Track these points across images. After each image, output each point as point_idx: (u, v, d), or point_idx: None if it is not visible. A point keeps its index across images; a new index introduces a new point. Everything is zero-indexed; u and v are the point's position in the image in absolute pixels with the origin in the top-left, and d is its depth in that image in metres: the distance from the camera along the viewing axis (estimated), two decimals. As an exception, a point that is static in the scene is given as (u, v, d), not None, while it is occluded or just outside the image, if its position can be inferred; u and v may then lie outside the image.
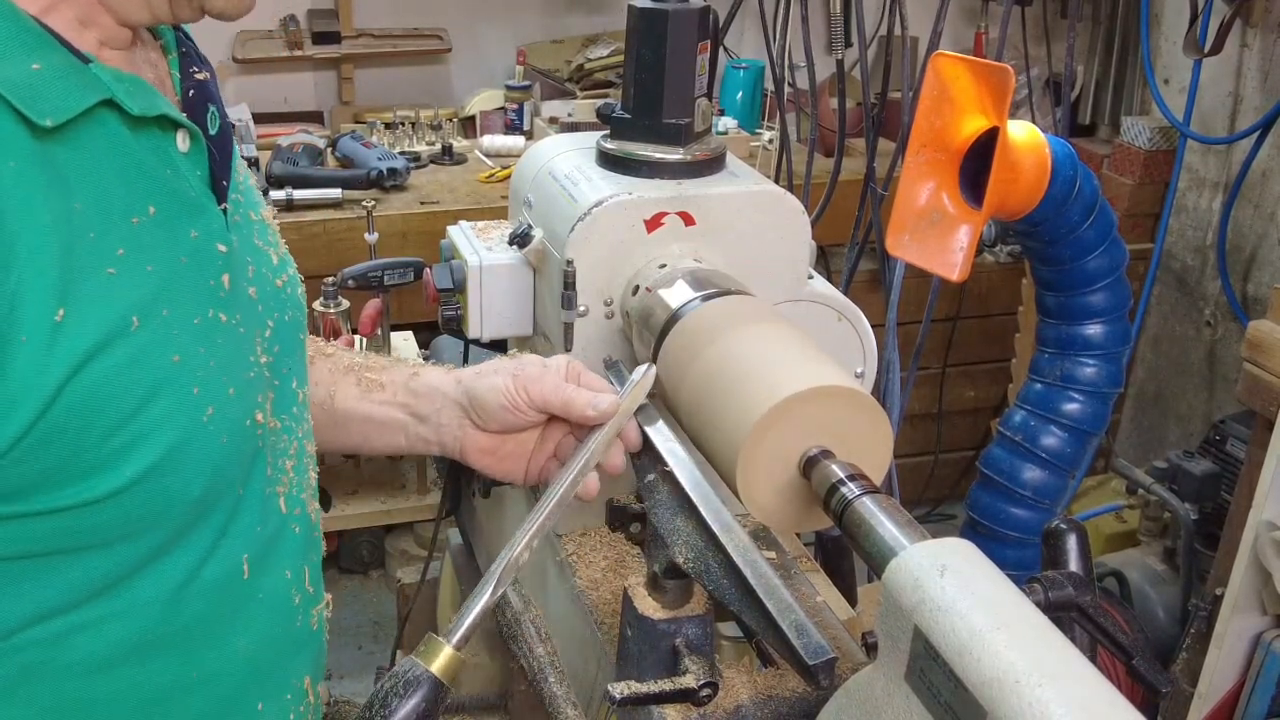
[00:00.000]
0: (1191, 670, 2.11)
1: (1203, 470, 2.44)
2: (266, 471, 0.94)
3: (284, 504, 0.97)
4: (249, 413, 0.89)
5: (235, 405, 0.87)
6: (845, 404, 0.94)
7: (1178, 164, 3.12)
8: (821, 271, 1.72)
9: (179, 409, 0.81)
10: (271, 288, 0.96)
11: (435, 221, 2.68)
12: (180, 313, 0.81)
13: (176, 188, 0.83)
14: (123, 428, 0.77)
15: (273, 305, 0.95)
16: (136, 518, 0.81)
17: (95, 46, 0.81)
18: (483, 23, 3.66)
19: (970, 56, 1.64)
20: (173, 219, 0.82)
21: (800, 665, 0.81)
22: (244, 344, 0.89)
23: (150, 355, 0.79)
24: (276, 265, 0.98)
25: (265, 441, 0.93)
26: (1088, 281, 1.90)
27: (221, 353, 0.85)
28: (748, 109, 3.28)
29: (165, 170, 0.82)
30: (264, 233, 0.98)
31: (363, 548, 3.21)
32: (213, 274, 0.85)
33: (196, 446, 0.82)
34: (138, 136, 0.80)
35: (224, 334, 0.86)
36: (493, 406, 1.10)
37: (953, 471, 3.52)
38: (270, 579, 0.95)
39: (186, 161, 0.85)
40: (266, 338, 0.93)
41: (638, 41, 1.26)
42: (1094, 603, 0.87)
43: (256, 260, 0.94)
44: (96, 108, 0.77)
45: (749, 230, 1.25)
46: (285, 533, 0.97)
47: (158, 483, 0.80)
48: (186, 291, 0.82)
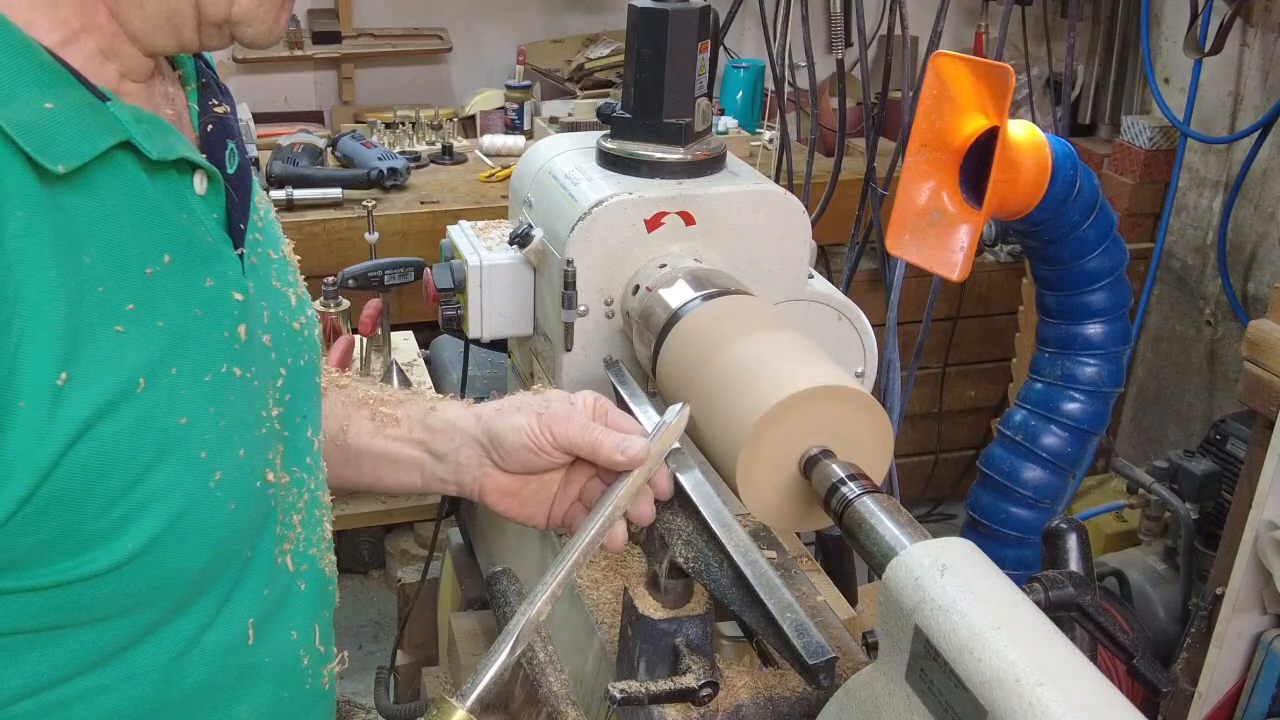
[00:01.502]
0: (1192, 670, 2.11)
1: (1203, 470, 2.44)
2: (276, 530, 0.89)
3: (290, 561, 0.91)
4: (259, 473, 0.83)
5: (245, 467, 0.81)
6: (845, 404, 0.94)
7: (1178, 163, 3.12)
8: (822, 271, 1.72)
9: (184, 475, 0.75)
10: (288, 331, 0.90)
11: (435, 221, 2.68)
12: (190, 370, 0.76)
13: (193, 233, 0.78)
14: (123, 497, 0.72)
15: (288, 350, 0.89)
16: (136, 591, 0.76)
17: (115, 80, 0.76)
18: (483, 22, 3.66)
19: (970, 56, 1.64)
20: (188, 268, 0.77)
21: (800, 665, 0.81)
22: (257, 398, 0.83)
23: (156, 418, 0.73)
24: (295, 306, 0.93)
25: (275, 500, 0.88)
26: (1088, 281, 1.90)
27: (233, 410, 0.79)
28: (748, 109, 3.28)
29: (181, 215, 0.77)
30: (284, 272, 0.92)
31: (363, 547, 3.21)
32: (228, 325, 0.80)
33: (202, 515, 0.77)
34: (154, 180, 0.75)
35: (237, 390, 0.80)
36: (514, 446, 1.02)
37: (953, 471, 3.52)
38: (276, 642, 0.90)
39: (203, 204, 0.79)
40: (279, 387, 0.87)
41: (638, 41, 1.26)
42: (1094, 602, 0.87)
43: (273, 303, 0.88)
44: (112, 150, 0.71)
45: (749, 230, 1.25)
46: (292, 591, 0.92)
47: (160, 555, 0.75)
48: (198, 346, 0.77)
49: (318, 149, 2.90)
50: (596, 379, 1.24)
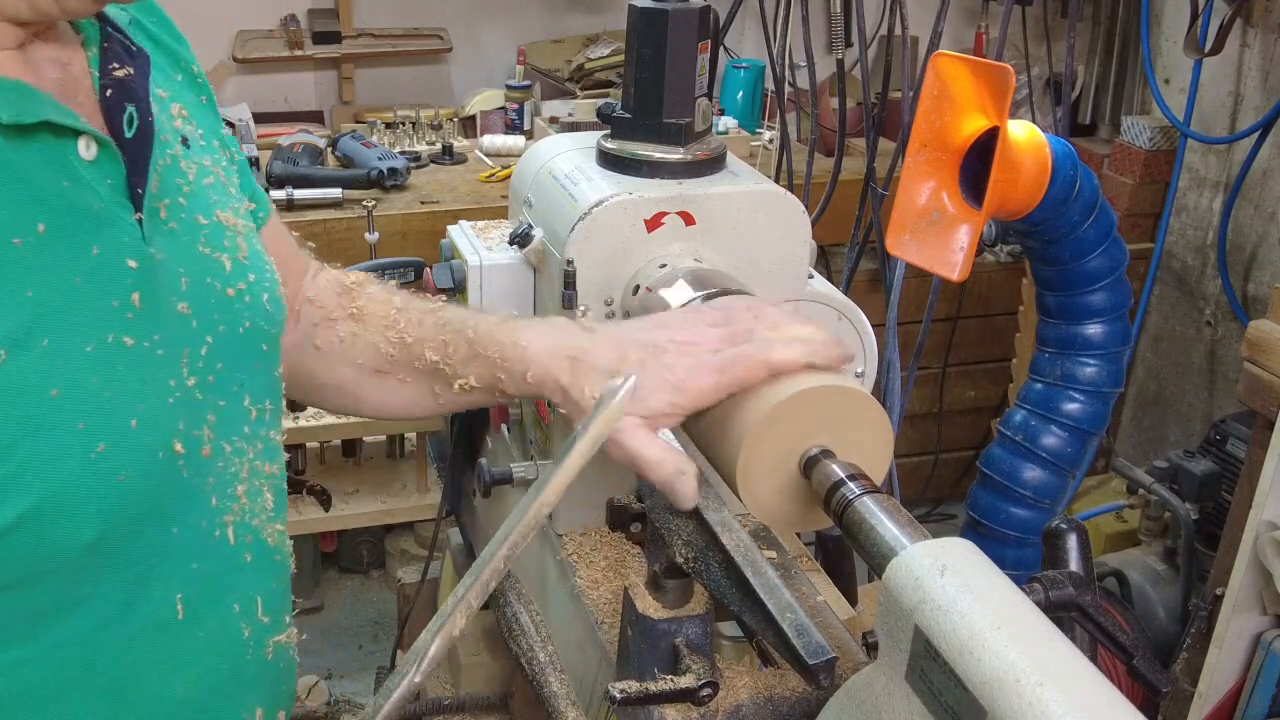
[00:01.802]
0: (1192, 670, 2.11)
1: (1203, 470, 2.44)
2: (210, 502, 0.87)
3: (232, 534, 0.89)
4: (162, 444, 0.80)
5: (139, 437, 0.78)
6: (845, 404, 0.94)
7: (1178, 164, 3.12)
8: (822, 271, 1.72)
9: (57, 447, 0.73)
10: (219, 298, 0.87)
11: (435, 221, 2.68)
12: (66, 340, 0.74)
13: (76, 200, 0.75)
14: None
15: (217, 318, 0.87)
16: (20, 566, 0.74)
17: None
18: (483, 22, 3.66)
19: (970, 56, 1.64)
20: (68, 235, 0.75)
21: (800, 665, 0.81)
22: (160, 367, 0.81)
23: (19, 391, 0.71)
24: (230, 272, 0.89)
25: (195, 471, 0.84)
26: (1088, 281, 1.90)
27: (123, 380, 0.77)
28: (748, 109, 3.28)
29: (62, 181, 0.75)
30: (217, 236, 0.89)
31: (363, 548, 3.21)
32: (118, 293, 0.77)
33: (84, 486, 0.75)
34: (21, 146, 0.73)
35: (129, 358, 0.78)
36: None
37: (953, 471, 3.52)
38: (213, 616, 0.88)
39: (93, 170, 0.77)
40: (203, 355, 0.84)
41: (638, 41, 1.26)
42: (1094, 602, 0.87)
43: (197, 269, 0.86)
44: None
45: (749, 230, 1.25)
46: (236, 565, 0.90)
47: (40, 527, 0.73)
48: (78, 315, 0.75)
49: (318, 149, 2.90)
50: (596, 379, 1.23)
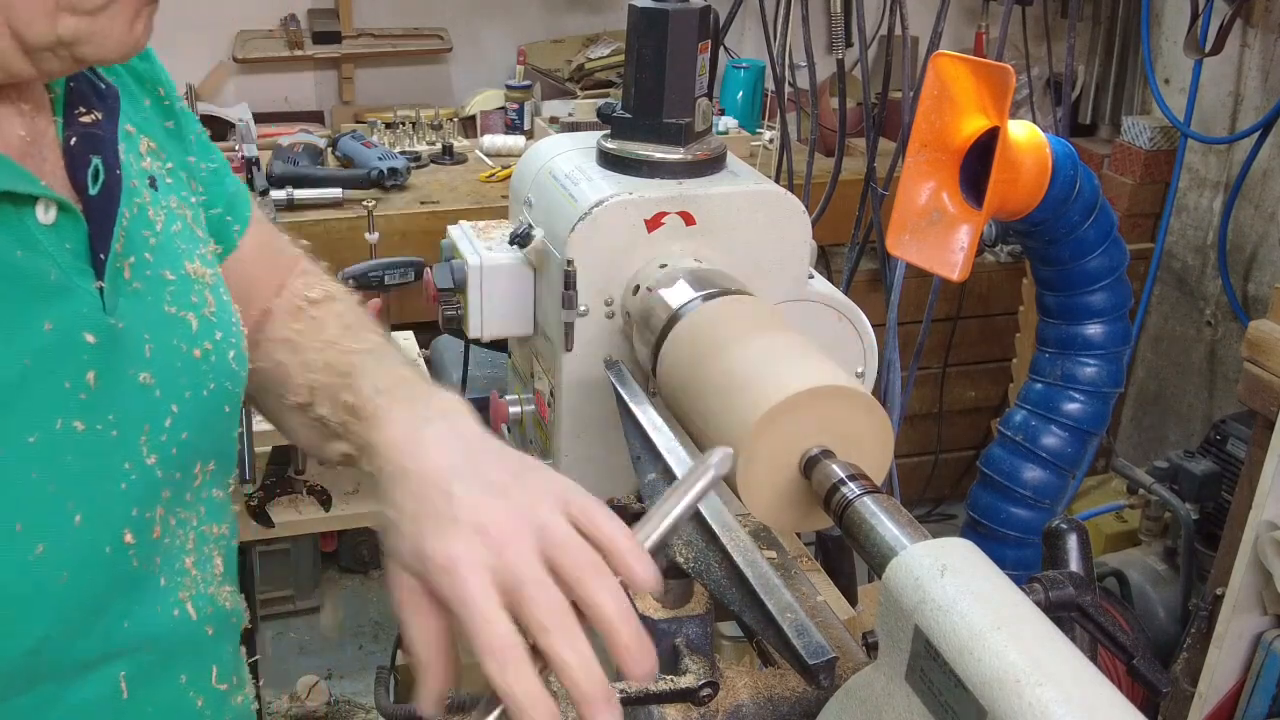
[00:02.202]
0: (1192, 670, 2.11)
1: (1203, 470, 2.44)
2: (159, 584, 0.79)
3: (193, 609, 0.82)
4: (110, 537, 0.73)
5: (84, 534, 0.70)
6: (845, 404, 0.94)
7: (1178, 164, 3.12)
8: (822, 271, 1.72)
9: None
10: (185, 361, 0.80)
11: (436, 221, 2.68)
12: (5, 429, 0.66)
13: (28, 270, 0.68)
14: None
15: (184, 383, 0.79)
16: None
17: None
18: (483, 22, 3.66)
19: (971, 56, 1.64)
20: (15, 311, 0.67)
21: (800, 665, 0.81)
22: (114, 452, 0.73)
23: None
24: (197, 331, 0.81)
25: (144, 557, 0.77)
26: (1088, 281, 1.90)
27: (69, 471, 0.69)
28: (748, 109, 3.28)
29: (15, 251, 0.67)
30: (184, 292, 0.81)
31: (363, 548, 3.21)
32: (70, 373, 0.69)
33: (20, 592, 0.67)
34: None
35: (78, 446, 0.70)
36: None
37: (953, 471, 3.52)
38: (160, 691, 0.81)
39: (51, 235, 0.69)
40: (167, 428, 0.77)
41: (638, 41, 1.26)
42: (1094, 602, 0.87)
43: (163, 333, 0.78)
44: None
45: (749, 230, 1.25)
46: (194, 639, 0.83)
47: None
48: (23, 403, 0.67)
49: (318, 149, 2.90)
50: (596, 379, 1.24)
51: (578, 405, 1.27)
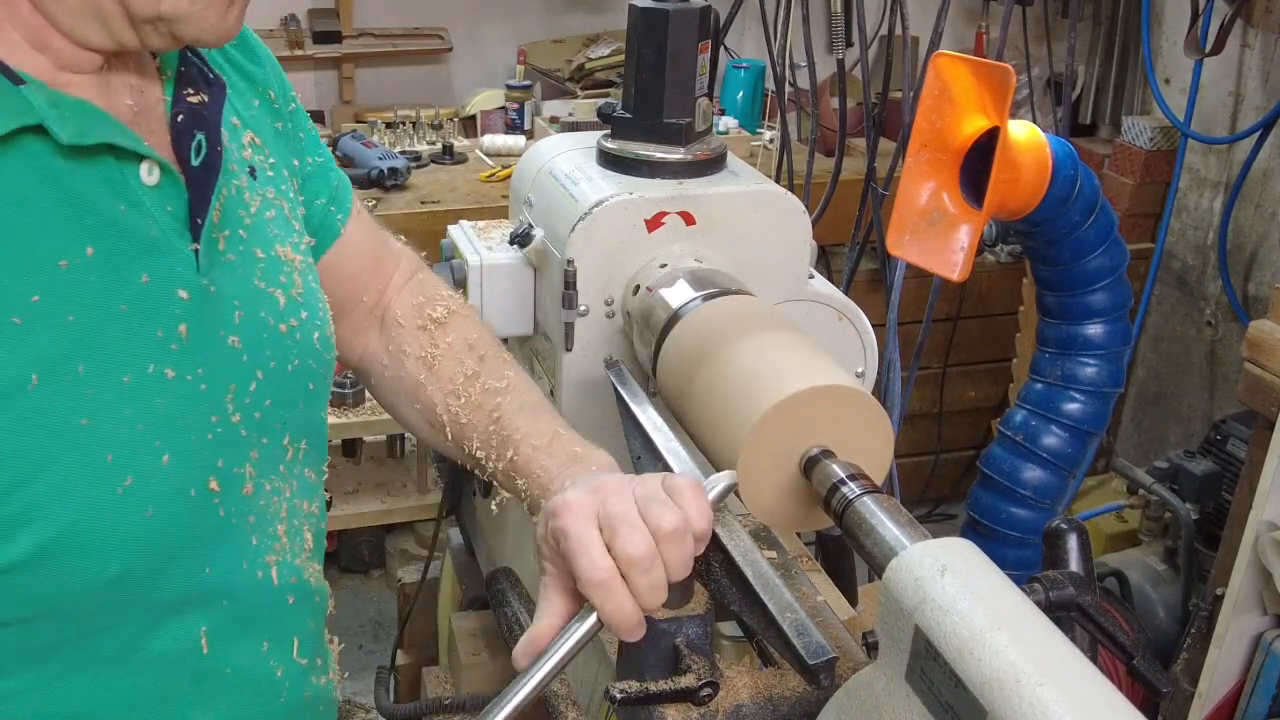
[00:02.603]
0: (1192, 670, 2.11)
1: (1203, 470, 2.44)
2: (250, 541, 0.84)
3: (276, 574, 0.87)
4: (196, 481, 0.78)
5: (170, 473, 0.76)
6: (846, 404, 0.94)
7: (1178, 164, 3.12)
8: (822, 271, 1.72)
9: (81, 479, 0.71)
10: (271, 333, 0.86)
11: (436, 221, 2.68)
12: (102, 368, 0.72)
13: (131, 225, 0.74)
14: (9, 496, 0.69)
15: (269, 353, 0.85)
16: (35, 600, 0.72)
17: (50, 71, 0.73)
18: (483, 22, 3.66)
19: (971, 56, 1.64)
20: (116, 261, 0.73)
21: (801, 665, 0.81)
22: (202, 402, 0.78)
23: (47, 418, 0.69)
24: (284, 308, 0.87)
25: (234, 511, 0.82)
26: (1088, 281, 1.90)
27: (159, 413, 0.75)
28: (748, 109, 3.28)
29: (119, 205, 0.73)
30: (274, 271, 0.87)
31: (363, 547, 3.21)
32: (163, 323, 0.76)
33: (108, 521, 0.72)
34: (79, 167, 0.71)
35: (168, 391, 0.76)
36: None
37: (953, 471, 3.52)
38: (242, 654, 0.86)
39: (154, 195, 0.75)
40: (251, 391, 0.82)
41: (639, 41, 1.26)
42: (1094, 602, 0.87)
43: (252, 303, 0.84)
44: (21, 134, 0.68)
45: (750, 230, 1.25)
46: (277, 604, 0.88)
47: (62, 560, 0.71)
48: (118, 345, 0.73)
49: (318, 149, 2.90)
50: (597, 379, 1.24)
51: (578, 405, 1.27)
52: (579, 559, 0.79)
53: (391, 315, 1.10)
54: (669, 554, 0.80)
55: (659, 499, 0.82)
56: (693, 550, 0.82)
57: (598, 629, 0.81)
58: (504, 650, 1.40)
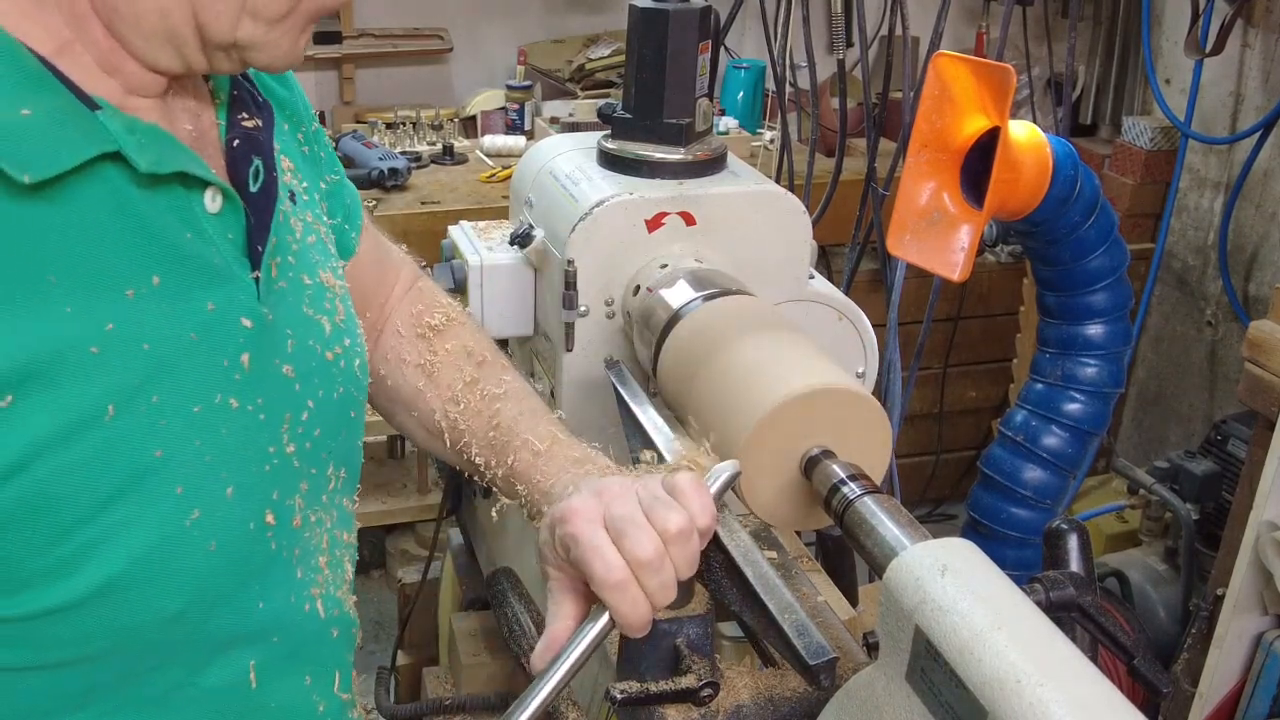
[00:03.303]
0: (1192, 670, 2.11)
1: (1204, 470, 2.44)
2: (296, 575, 0.83)
3: (322, 607, 0.86)
4: (255, 514, 0.77)
5: (234, 506, 0.75)
6: (846, 404, 0.94)
7: (1179, 164, 3.12)
8: (822, 271, 1.72)
9: (152, 511, 0.70)
10: (319, 361, 0.85)
11: (436, 221, 2.68)
12: (174, 398, 0.71)
13: (195, 253, 0.73)
14: (76, 531, 0.67)
15: (317, 381, 0.84)
16: (92, 639, 0.70)
17: (119, 94, 0.72)
18: (484, 22, 3.66)
19: (971, 56, 1.64)
20: (184, 289, 0.72)
21: (801, 665, 0.81)
22: (261, 433, 0.78)
23: (123, 449, 0.68)
24: (330, 335, 0.87)
25: (284, 544, 0.81)
26: (1089, 281, 1.90)
27: (224, 444, 0.74)
28: (749, 109, 3.28)
29: (185, 233, 0.72)
30: (319, 298, 0.86)
31: (363, 548, 3.20)
32: (229, 352, 0.75)
33: (174, 555, 0.71)
34: (151, 195, 0.70)
35: (232, 422, 0.75)
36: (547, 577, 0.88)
37: (954, 471, 3.52)
38: (287, 688, 0.85)
39: (216, 223, 0.74)
40: (303, 420, 0.82)
41: (639, 41, 1.26)
42: (1095, 603, 0.87)
43: (302, 331, 0.83)
44: (97, 161, 0.67)
45: (750, 230, 1.25)
46: (322, 638, 0.87)
47: (124, 596, 0.69)
48: (188, 373, 0.72)
49: (319, 149, 2.90)
50: (597, 379, 1.24)
51: (578, 405, 1.27)
52: (593, 563, 0.80)
53: (391, 325, 1.10)
54: (676, 554, 0.81)
55: (662, 499, 0.83)
56: (699, 547, 0.83)
57: (610, 628, 0.82)
58: (504, 650, 1.40)
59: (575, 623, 0.83)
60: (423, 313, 1.09)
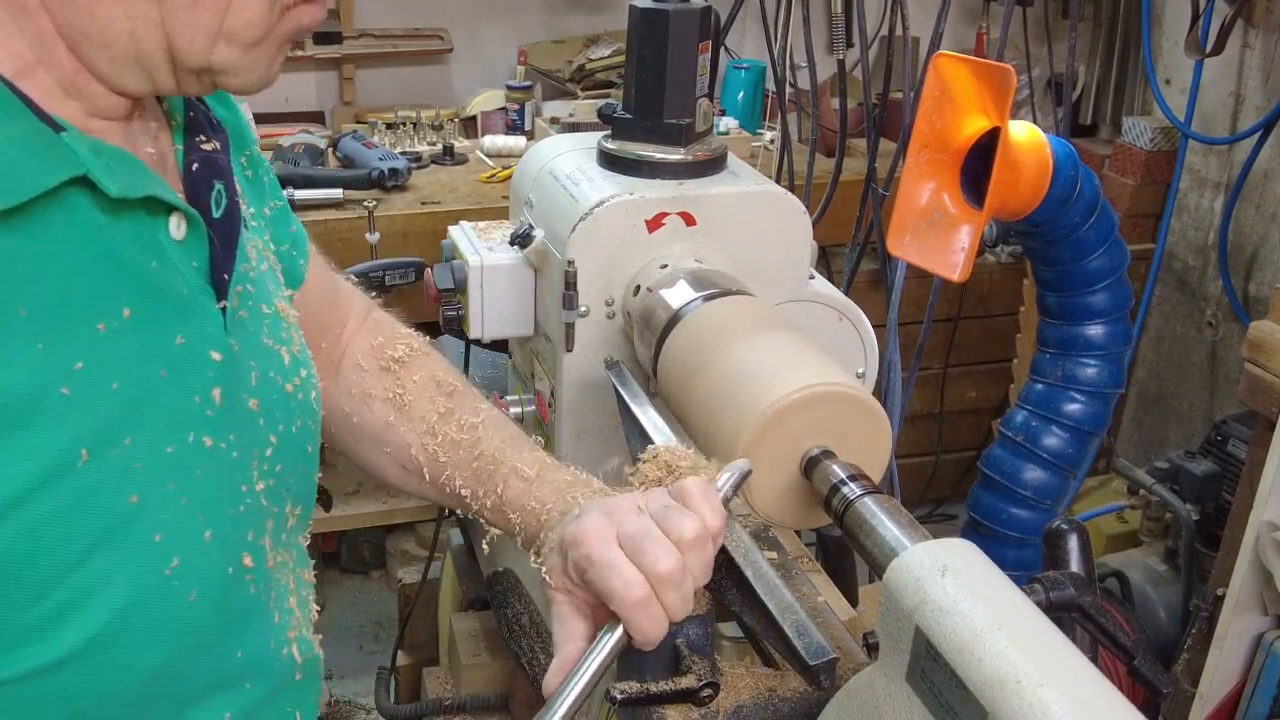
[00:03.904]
0: (1192, 670, 2.11)
1: (1204, 470, 2.43)
2: (274, 619, 0.80)
3: (297, 651, 0.83)
4: (233, 557, 0.74)
5: (212, 551, 0.71)
6: (846, 404, 0.94)
7: (1179, 164, 3.12)
8: (823, 272, 1.72)
9: (131, 562, 0.65)
10: (280, 394, 0.81)
11: (436, 222, 2.68)
12: (148, 439, 0.67)
13: (162, 283, 0.69)
14: (54, 589, 0.62)
15: (279, 415, 0.80)
16: (79, 695, 0.66)
17: (81, 117, 0.68)
18: (484, 23, 3.66)
19: (971, 57, 1.64)
20: (153, 322, 0.68)
21: (801, 666, 0.81)
22: (234, 471, 0.74)
23: (98, 496, 0.64)
24: (289, 366, 0.83)
25: (261, 587, 0.78)
26: (1089, 282, 1.90)
27: (199, 486, 0.70)
28: (749, 109, 3.27)
29: (150, 262, 0.68)
30: (276, 328, 0.83)
31: (364, 548, 3.21)
32: (199, 388, 0.71)
33: (154, 607, 0.67)
34: (116, 222, 0.66)
35: (206, 462, 0.71)
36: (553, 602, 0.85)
37: (954, 472, 3.52)
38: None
39: (181, 250, 0.70)
40: (268, 457, 0.78)
41: (639, 42, 1.26)
42: (1095, 603, 0.87)
43: (264, 363, 0.79)
44: (64, 187, 0.63)
45: (750, 230, 1.25)
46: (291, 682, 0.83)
47: (106, 654, 0.65)
48: (160, 411, 0.68)
49: (319, 149, 2.90)
50: (597, 380, 1.24)
51: (578, 406, 1.27)
52: (611, 582, 0.78)
53: (350, 359, 1.06)
54: (693, 560, 0.79)
55: (673, 507, 0.81)
56: (714, 552, 0.82)
57: (624, 644, 0.80)
58: (504, 651, 1.40)
59: (586, 642, 0.82)
60: (384, 344, 1.06)
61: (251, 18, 0.69)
